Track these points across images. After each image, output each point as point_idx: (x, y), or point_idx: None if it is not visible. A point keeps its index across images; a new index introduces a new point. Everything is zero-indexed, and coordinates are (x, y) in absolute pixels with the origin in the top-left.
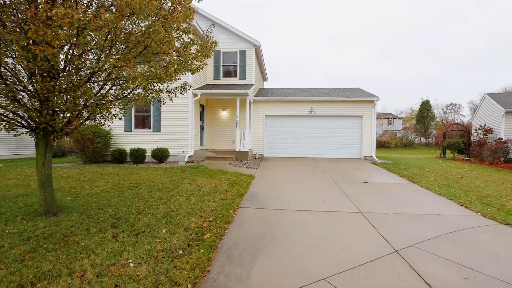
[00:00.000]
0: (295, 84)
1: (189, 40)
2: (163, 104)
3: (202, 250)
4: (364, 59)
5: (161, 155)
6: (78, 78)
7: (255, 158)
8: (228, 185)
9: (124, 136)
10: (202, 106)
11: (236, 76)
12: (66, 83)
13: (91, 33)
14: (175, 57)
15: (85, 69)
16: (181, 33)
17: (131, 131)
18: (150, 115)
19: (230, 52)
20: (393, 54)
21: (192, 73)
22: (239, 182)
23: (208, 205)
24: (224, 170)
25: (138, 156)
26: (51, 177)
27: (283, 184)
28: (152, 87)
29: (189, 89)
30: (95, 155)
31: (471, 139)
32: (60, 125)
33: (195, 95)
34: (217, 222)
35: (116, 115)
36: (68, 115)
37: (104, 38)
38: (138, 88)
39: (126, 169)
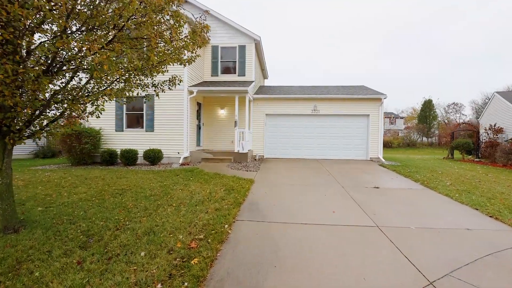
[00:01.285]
0: (295, 83)
1: (173, 22)
2: (148, 100)
3: (186, 284)
4: (363, 57)
5: (153, 157)
6: (29, 65)
7: (255, 159)
8: (224, 191)
9: (115, 136)
10: (199, 105)
11: (235, 73)
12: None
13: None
14: (162, 45)
15: (37, 53)
16: (168, 17)
17: (123, 130)
18: (143, 113)
19: (228, 47)
20: (392, 52)
21: (181, 64)
22: (237, 188)
23: (199, 218)
24: (221, 173)
25: (129, 157)
26: (11, 186)
27: (286, 190)
28: (138, 81)
29: (179, 84)
30: (83, 156)
31: (480, 139)
32: (19, 124)
33: (191, 92)
34: (209, 241)
35: (92, 112)
36: (30, 112)
37: (65, 15)
38: (119, 82)
39: (115, 172)
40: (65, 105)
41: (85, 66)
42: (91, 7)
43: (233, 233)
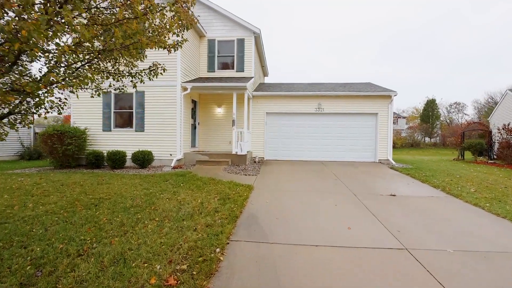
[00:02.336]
0: (297, 81)
1: None
2: (121, 91)
3: None
4: (364, 60)
5: (143, 159)
6: None
7: (255, 161)
8: (218, 201)
9: (102, 136)
10: (194, 103)
11: (233, 69)
12: None
13: None
14: (135, 20)
15: None
16: None
17: (111, 130)
18: (132, 112)
19: (226, 41)
20: (393, 56)
21: (164, 49)
22: (234, 196)
23: (185, 238)
24: (217, 178)
25: (116, 160)
26: None
27: (290, 199)
28: (114, 70)
29: (161, 73)
30: (67, 158)
31: (493, 140)
32: None
33: (185, 89)
34: (193, 273)
35: (51, 107)
36: None
37: None
38: (82, 68)
39: (97, 177)
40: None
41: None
42: None
43: (226, 261)
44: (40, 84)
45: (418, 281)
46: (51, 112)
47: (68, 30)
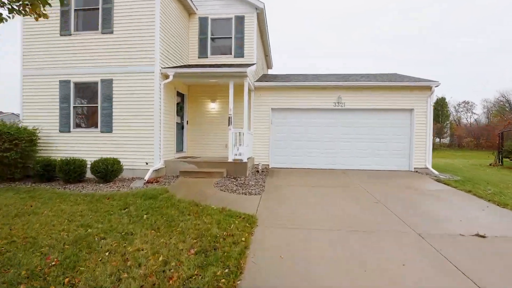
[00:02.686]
0: (298, 70)
1: None
2: None
3: None
4: (363, 38)
5: (105, 171)
6: None
7: (257, 171)
8: (196, 256)
9: (59, 138)
10: (181, 96)
11: (230, 54)
12: None
13: None
14: None
15: None
16: None
17: (69, 131)
18: (97, 106)
19: (222, 19)
20: (392, 34)
21: None
22: (224, 243)
23: None
24: (202, 202)
25: (69, 171)
26: None
27: (320, 249)
28: None
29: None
30: (8, 168)
31: None
32: None
33: (166, 76)
34: None
35: None
36: None
37: None
38: None
39: (29, 199)
40: None
41: None
42: None
43: None
44: None
45: None
46: None
47: None
